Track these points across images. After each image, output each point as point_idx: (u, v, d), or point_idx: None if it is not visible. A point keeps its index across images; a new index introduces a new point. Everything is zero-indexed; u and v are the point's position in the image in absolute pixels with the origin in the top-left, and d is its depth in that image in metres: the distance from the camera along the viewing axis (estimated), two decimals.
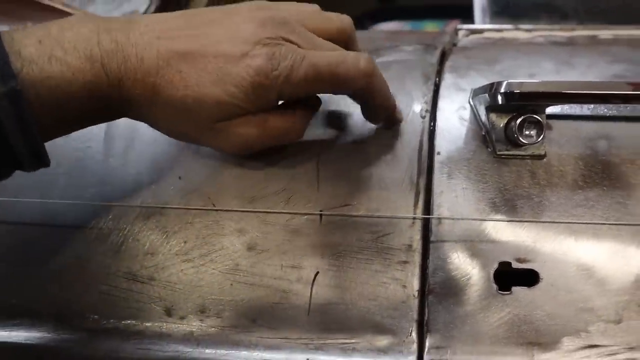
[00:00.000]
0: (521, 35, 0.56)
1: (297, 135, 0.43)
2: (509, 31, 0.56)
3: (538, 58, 0.48)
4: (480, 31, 0.57)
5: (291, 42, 0.39)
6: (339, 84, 0.40)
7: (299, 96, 0.41)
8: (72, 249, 0.45)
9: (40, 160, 0.38)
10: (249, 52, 0.37)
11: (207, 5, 0.66)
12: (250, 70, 0.37)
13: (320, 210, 0.42)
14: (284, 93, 0.39)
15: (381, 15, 1.26)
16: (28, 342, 0.43)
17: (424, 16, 1.20)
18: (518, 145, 0.41)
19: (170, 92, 0.38)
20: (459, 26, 0.57)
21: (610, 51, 0.50)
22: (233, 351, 0.40)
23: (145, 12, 0.62)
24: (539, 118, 0.39)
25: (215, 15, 0.40)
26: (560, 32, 0.56)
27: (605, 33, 0.55)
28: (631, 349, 0.39)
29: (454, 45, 0.53)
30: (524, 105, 0.40)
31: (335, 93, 0.43)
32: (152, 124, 0.42)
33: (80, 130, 0.47)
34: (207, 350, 0.41)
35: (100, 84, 0.36)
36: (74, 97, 0.36)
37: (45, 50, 0.35)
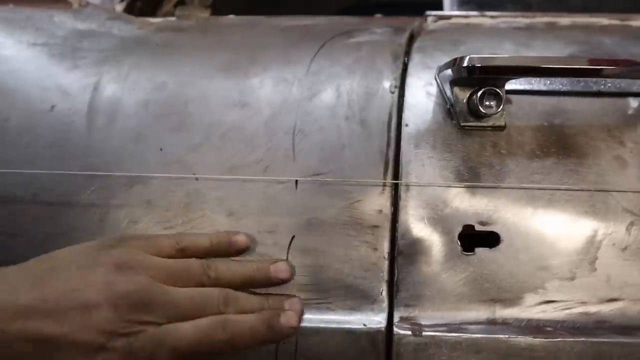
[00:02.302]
0: (485, 21, 0.59)
1: None
2: (474, 17, 0.60)
3: (499, 40, 0.52)
4: (448, 17, 0.60)
5: (148, 323, 0.37)
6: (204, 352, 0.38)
7: None
8: (57, 220, 0.46)
9: None
10: (105, 344, 0.35)
11: None
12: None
13: (296, 178, 0.44)
14: None
15: (358, 12, 1.29)
16: None
17: (399, 12, 1.24)
18: (480, 116, 0.44)
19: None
20: (428, 12, 0.60)
21: (567, 35, 0.54)
22: None
23: None
24: (499, 90, 0.42)
25: (66, 276, 0.37)
26: (522, 19, 0.59)
27: (564, 20, 0.58)
28: (583, 303, 0.42)
29: (423, 28, 0.56)
30: (484, 78, 0.43)
31: None
32: None
33: (63, 105, 0.49)
34: None
35: None
36: None
37: None
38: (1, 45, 0.54)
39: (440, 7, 0.78)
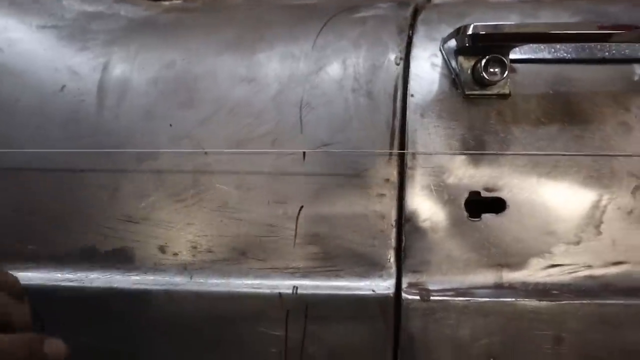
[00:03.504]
0: None
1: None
2: None
3: (506, 12, 0.52)
4: None
5: None
6: None
7: None
8: (70, 196, 0.47)
9: None
10: None
11: None
12: None
13: (303, 150, 0.45)
14: None
15: None
16: (30, 283, 0.45)
17: None
18: (484, 84, 0.44)
19: None
20: None
21: (574, 5, 0.53)
22: (224, 280, 0.43)
23: None
24: (503, 58, 0.43)
25: None
26: None
27: None
28: (589, 266, 0.42)
29: (428, 2, 0.56)
30: (489, 46, 0.43)
31: None
32: None
33: (73, 85, 0.50)
34: (200, 281, 0.44)
35: None
36: None
37: None
38: (11, 28, 0.54)
39: None
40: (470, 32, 0.42)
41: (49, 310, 0.45)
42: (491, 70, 0.43)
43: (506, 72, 0.43)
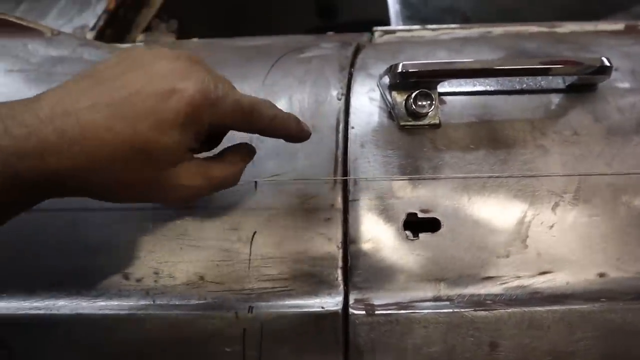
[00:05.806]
0: (427, 33, 0.65)
1: (235, 181, 0.44)
2: (417, 31, 0.66)
3: (435, 49, 0.57)
4: (393, 32, 0.66)
5: (209, 70, 0.39)
6: (252, 121, 0.42)
7: (221, 129, 0.43)
8: (30, 231, 0.50)
9: None
10: (176, 86, 0.36)
11: (155, 17, 0.72)
12: (183, 102, 0.36)
13: (255, 180, 0.49)
14: (213, 120, 0.39)
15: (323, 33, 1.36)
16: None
17: (364, 32, 1.30)
18: (417, 116, 0.49)
19: (106, 154, 0.35)
20: (375, 28, 0.66)
21: (496, 42, 0.60)
22: (184, 303, 0.46)
23: (94, 27, 0.68)
24: (430, 92, 0.48)
25: (121, 66, 0.37)
26: (460, 30, 0.65)
27: (498, 30, 0.65)
28: (518, 277, 0.47)
29: (370, 42, 0.62)
30: (418, 82, 0.48)
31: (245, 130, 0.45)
32: (93, 194, 0.39)
33: None
34: (162, 304, 0.47)
35: (16, 175, 0.33)
36: None
37: None
38: None
39: None
40: (399, 70, 0.47)
41: (17, 339, 0.47)
42: (420, 103, 0.48)
43: (434, 105, 0.48)
